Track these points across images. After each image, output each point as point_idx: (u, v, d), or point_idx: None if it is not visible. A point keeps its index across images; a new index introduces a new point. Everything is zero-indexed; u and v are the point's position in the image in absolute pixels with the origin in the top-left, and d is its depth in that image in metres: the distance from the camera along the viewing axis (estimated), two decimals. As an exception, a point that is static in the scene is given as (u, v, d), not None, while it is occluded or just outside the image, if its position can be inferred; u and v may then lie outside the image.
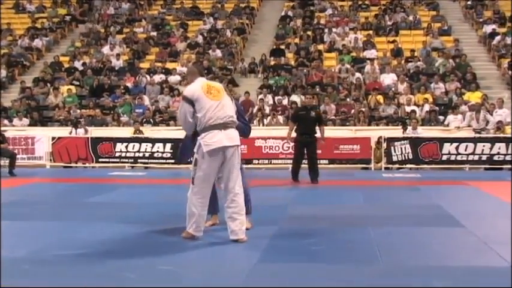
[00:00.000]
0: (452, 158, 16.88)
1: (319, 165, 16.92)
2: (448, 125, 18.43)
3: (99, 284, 4.94)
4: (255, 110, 19.81)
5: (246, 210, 7.07)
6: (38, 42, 25.75)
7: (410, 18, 25.44)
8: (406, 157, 16.93)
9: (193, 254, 6.03)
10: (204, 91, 6.41)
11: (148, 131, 18.49)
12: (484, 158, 16.75)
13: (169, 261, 5.73)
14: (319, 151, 16.97)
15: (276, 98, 20.44)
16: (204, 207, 6.47)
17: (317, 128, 13.32)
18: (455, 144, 16.83)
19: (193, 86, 6.56)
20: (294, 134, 13.39)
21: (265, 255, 6.02)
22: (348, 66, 21.98)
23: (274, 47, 24.25)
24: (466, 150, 16.78)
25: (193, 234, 6.49)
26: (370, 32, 24.62)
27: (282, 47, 24.18)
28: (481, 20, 24.88)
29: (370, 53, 23.03)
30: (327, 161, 17.10)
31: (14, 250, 6.23)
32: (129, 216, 8.44)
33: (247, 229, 6.86)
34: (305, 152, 13.27)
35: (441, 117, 19.06)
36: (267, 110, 19.85)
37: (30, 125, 19.97)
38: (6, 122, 19.87)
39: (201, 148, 6.37)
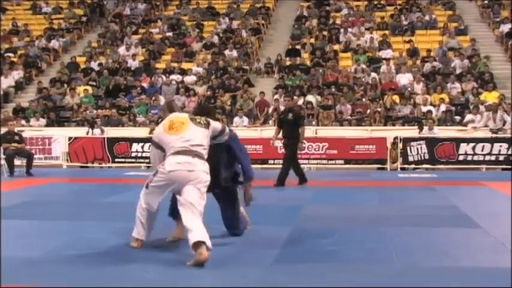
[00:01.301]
0: (469, 158, 16.78)
1: (335, 165, 17.08)
2: (466, 125, 18.31)
3: (117, 285, 4.96)
4: (270, 110, 19.81)
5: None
6: (54, 43, 25.93)
7: (427, 17, 25.31)
8: (422, 157, 16.86)
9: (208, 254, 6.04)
10: (165, 129, 6.15)
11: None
12: (501, 158, 16.63)
13: (184, 260, 5.74)
14: (334, 151, 17.09)
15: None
16: (152, 212, 6.22)
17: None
18: (471, 145, 16.74)
19: (157, 128, 6.48)
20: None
21: (280, 255, 6.02)
22: (364, 66, 21.91)
23: (290, 47, 24.23)
24: (482, 150, 16.68)
25: (142, 239, 6.28)
26: (386, 31, 24.54)
27: (298, 47, 24.16)
28: (497, 19, 24.70)
29: (386, 53, 22.96)
30: (342, 161, 17.11)
31: (31, 249, 6.28)
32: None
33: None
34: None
35: (457, 117, 18.96)
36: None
37: (47, 125, 20.11)
38: (23, 122, 20.05)
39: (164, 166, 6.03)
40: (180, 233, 6.48)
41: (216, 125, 6.41)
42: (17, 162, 15.66)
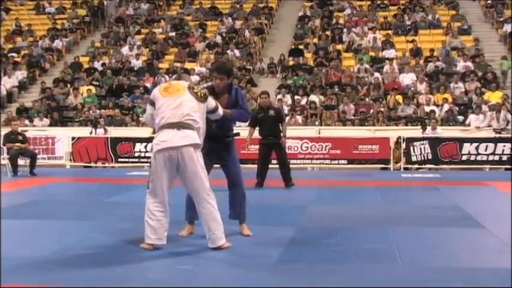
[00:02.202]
0: (472, 158, 16.76)
1: (338, 165, 17.07)
2: (469, 125, 18.31)
3: (119, 285, 4.97)
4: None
5: (240, 218, 7.03)
6: (58, 43, 25.98)
7: (430, 17, 25.30)
8: (426, 157, 16.85)
9: (212, 254, 6.04)
10: (160, 90, 6.15)
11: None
12: (504, 158, 16.61)
13: (187, 261, 5.75)
14: (337, 151, 17.09)
15: (295, 98, 20.44)
16: (161, 211, 6.06)
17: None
18: (475, 144, 16.72)
19: (155, 89, 6.40)
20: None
21: (284, 255, 6.02)
22: (367, 66, 21.92)
23: (293, 47, 24.24)
24: (486, 150, 16.66)
25: (152, 243, 6.08)
26: (389, 31, 24.54)
27: (301, 47, 24.16)
28: (501, 19, 24.68)
29: (389, 53, 22.95)
30: (345, 161, 17.10)
31: (35, 249, 6.28)
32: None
33: (248, 236, 6.84)
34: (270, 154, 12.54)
35: (460, 117, 18.95)
36: (286, 110, 19.83)
37: (50, 125, 20.15)
38: (27, 122, 20.08)
39: (153, 148, 6.11)
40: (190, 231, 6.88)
41: (211, 103, 6.33)
42: (20, 162, 15.69)
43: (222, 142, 6.89)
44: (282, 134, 12.32)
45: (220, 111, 6.49)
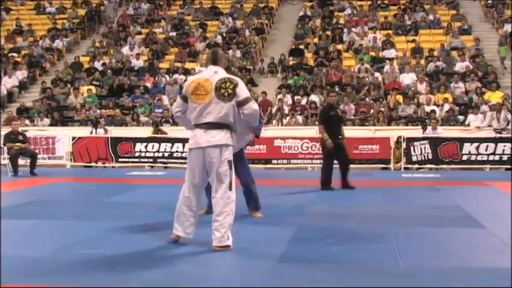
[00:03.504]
0: (473, 158, 16.76)
1: (338, 165, 17.00)
2: (468, 125, 18.31)
3: (122, 284, 4.97)
4: (273, 110, 19.82)
5: (255, 207, 8.19)
6: (58, 43, 25.98)
7: (430, 17, 25.30)
8: (426, 157, 16.85)
9: (212, 254, 6.04)
10: (190, 90, 6.21)
11: (168, 131, 18.56)
12: (504, 158, 16.60)
13: (189, 261, 5.75)
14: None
15: (295, 97, 20.43)
16: (187, 206, 6.22)
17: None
18: (475, 144, 16.71)
19: (187, 81, 6.50)
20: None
21: (284, 254, 6.02)
22: (367, 66, 21.91)
23: (293, 46, 24.24)
24: (486, 150, 16.65)
25: (178, 234, 6.31)
26: (390, 31, 24.54)
27: (301, 46, 24.17)
28: (501, 18, 24.67)
29: (390, 53, 22.96)
30: (346, 161, 17.05)
31: (36, 249, 6.29)
32: (149, 216, 8.48)
33: (259, 217, 8.05)
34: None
35: (461, 117, 18.94)
36: (286, 110, 19.84)
37: (51, 125, 20.16)
38: (27, 122, 20.08)
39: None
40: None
41: (242, 94, 6.18)
42: (20, 162, 15.70)
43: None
44: (342, 136, 12.06)
45: (253, 105, 6.28)
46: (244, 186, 8.24)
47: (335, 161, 11.98)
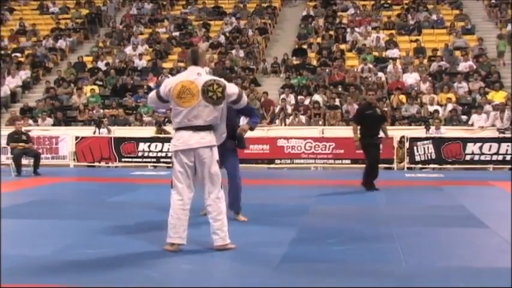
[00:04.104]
0: (476, 158, 16.73)
1: (342, 165, 17.06)
2: (472, 125, 18.28)
3: (123, 283, 4.97)
4: (276, 110, 19.81)
5: (236, 208, 7.93)
6: (61, 43, 26.00)
7: (433, 17, 25.27)
8: (429, 157, 16.82)
9: (215, 253, 6.04)
10: (174, 93, 6.01)
11: (171, 131, 18.53)
12: (508, 158, 16.56)
13: (191, 260, 5.75)
14: (341, 151, 17.06)
15: (298, 97, 20.42)
16: (183, 210, 6.08)
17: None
18: (478, 144, 16.69)
19: (167, 83, 6.21)
20: None
21: (287, 255, 6.02)
22: (370, 65, 21.89)
23: (296, 46, 24.22)
24: (489, 150, 16.62)
25: (173, 242, 6.10)
26: (393, 31, 24.50)
27: (304, 46, 24.15)
28: (505, 18, 24.63)
29: (393, 53, 22.92)
30: (349, 161, 17.06)
31: (39, 248, 6.30)
32: (151, 216, 8.48)
33: (244, 221, 7.81)
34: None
35: (464, 117, 18.91)
36: (289, 109, 19.83)
37: (54, 124, 20.16)
38: (30, 122, 20.10)
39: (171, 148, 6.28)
40: None
41: (233, 93, 6.16)
42: (24, 161, 15.69)
43: (225, 146, 7.03)
44: (384, 135, 12.02)
45: (244, 99, 6.34)
46: (231, 183, 7.93)
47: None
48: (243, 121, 8.32)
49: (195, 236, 6.67)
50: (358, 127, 11.53)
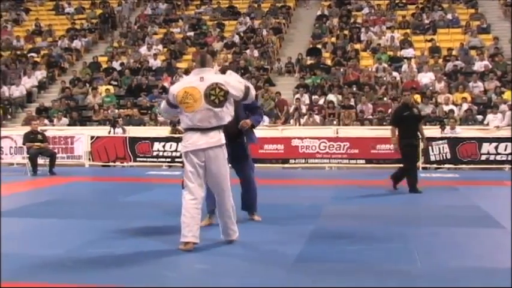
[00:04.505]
0: (492, 158, 16.62)
1: (356, 165, 17.01)
2: (487, 124, 18.17)
3: (139, 283, 4.99)
4: (291, 110, 19.80)
5: (252, 208, 7.87)
6: (77, 43, 26.14)
7: (449, 16, 25.13)
8: (444, 157, 16.74)
9: (230, 253, 6.06)
10: (178, 98, 6.17)
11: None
12: (524, 158, 16.46)
13: (206, 260, 5.77)
14: (356, 150, 17.03)
15: (313, 97, 20.40)
16: (196, 208, 6.19)
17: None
18: (494, 144, 16.57)
19: (174, 89, 6.35)
20: None
21: (302, 254, 6.02)
22: (385, 65, 21.82)
23: (311, 46, 24.19)
24: (505, 150, 16.51)
25: (187, 241, 6.13)
26: (408, 30, 24.41)
27: (319, 46, 24.11)
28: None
29: (408, 52, 22.83)
30: (363, 161, 17.03)
31: (54, 247, 6.33)
32: (166, 215, 8.50)
33: (259, 221, 7.73)
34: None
35: (480, 117, 18.80)
36: (304, 109, 19.81)
37: (69, 124, 20.27)
38: (46, 121, 20.22)
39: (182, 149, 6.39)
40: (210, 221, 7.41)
41: (238, 92, 6.26)
42: (40, 161, 15.80)
43: (235, 142, 7.05)
44: (421, 136, 11.71)
45: (251, 94, 6.46)
46: (246, 183, 7.86)
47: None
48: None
49: (207, 236, 6.69)
50: (396, 129, 11.41)
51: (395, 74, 21.27)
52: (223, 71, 7.14)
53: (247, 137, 7.70)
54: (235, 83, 6.30)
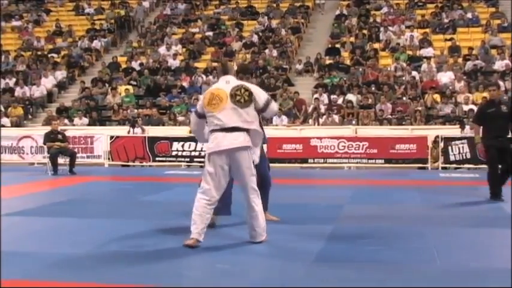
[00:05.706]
0: (512, 157, 16.46)
1: (375, 164, 16.96)
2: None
3: (159, 282, 5.02)
4: (310, 109, 19.78)
5: (263, 207, 7.37)
6: (96, 44, 26.31)
7: (469, 15, 24.96)
8: (464, 157, 16.63)
9: (249, 253, 6.07)
10: (205, 103, 6.31)
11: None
12: (545, 157, 16.27)
13: (226, 260, 5.78)
14: (375, 150, 16.98)
15: (332, 97, 20.36)
16: (207, 208, 6.27)
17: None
18: (515, 144, 16.42)
19: (200, 98, 6.66)
20: None
21: (321, 254, 6.02)
22: (404, 64, 21.73)
23: (330, 45, 24.15)
24: (526, 149, 16.35)
25: (192, 238, 6.20)
26: (427, 30, 24.28)
27: (337, 45, 24.06)
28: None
29: (427, 51, 22.71)
30: (382, 161, 16.98)
31: (74, 247, 6.38)
32: (185, 214, 8.49)
33: (277, 221, 7.58)
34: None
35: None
36: (322, 109, 19.78)
37: (89, 124, 20.41)
38: (66, 121, 20.37)
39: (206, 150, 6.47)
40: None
41: (259, 102, 6.35)
42: (60, 160, 15.92)
43: None
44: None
45: (274, 106, 6.61)
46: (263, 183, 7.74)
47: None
48: None
49: (228, 235, 6.71)
50: (480, 128, 10.35)
51: (414, 73, 21.17)
52: (240, 69, 7.20)
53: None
54: (258, 91, 6.44)
